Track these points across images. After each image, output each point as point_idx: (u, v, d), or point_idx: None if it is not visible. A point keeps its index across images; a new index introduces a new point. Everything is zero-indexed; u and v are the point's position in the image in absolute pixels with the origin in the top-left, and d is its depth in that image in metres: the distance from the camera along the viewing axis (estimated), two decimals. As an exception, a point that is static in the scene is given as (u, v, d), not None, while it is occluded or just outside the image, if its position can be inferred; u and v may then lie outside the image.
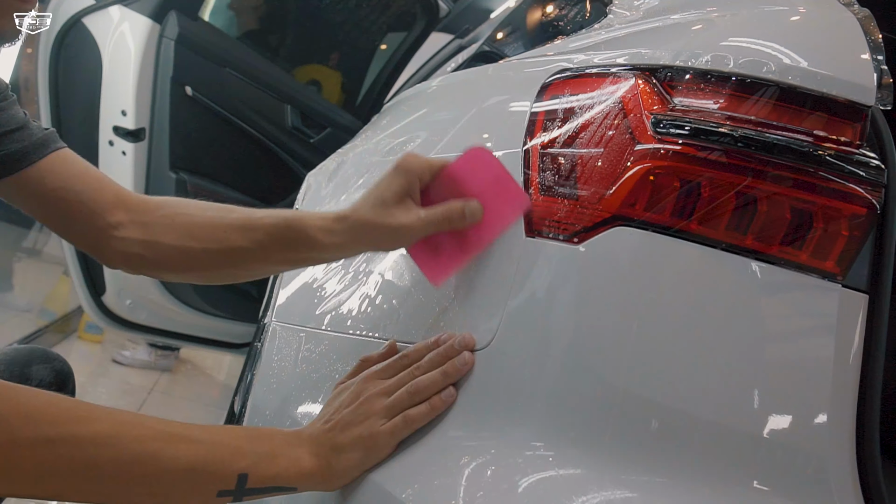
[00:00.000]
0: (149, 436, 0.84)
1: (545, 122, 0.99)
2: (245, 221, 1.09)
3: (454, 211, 0.98)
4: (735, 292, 0.81)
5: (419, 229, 0.99)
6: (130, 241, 1.13)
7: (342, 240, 1.02)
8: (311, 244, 1.03)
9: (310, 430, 0.94)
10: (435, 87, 1.68)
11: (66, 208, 1.13)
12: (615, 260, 0.85)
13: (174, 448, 0.84)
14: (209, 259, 1.11)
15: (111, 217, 1.13)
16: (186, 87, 2.53)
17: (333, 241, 1.02)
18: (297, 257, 1.08)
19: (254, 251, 1.08)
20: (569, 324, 0.86)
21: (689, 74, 0.88)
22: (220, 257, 1.11)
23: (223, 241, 1.09)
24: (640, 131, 0.87)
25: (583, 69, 1.02)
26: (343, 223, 1.02)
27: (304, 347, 1.18)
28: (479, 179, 0.99)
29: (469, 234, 0.99)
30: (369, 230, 1.00)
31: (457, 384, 0.91)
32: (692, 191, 0.83)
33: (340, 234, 1.02)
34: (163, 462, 0.83)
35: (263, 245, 1.07)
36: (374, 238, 1.01)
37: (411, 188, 1.00)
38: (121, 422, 0.83)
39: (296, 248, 1.05)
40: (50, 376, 1.39)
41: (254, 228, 1.08)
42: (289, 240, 1.05)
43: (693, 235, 0.82)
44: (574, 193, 0.89)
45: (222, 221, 1.11)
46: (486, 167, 0.99)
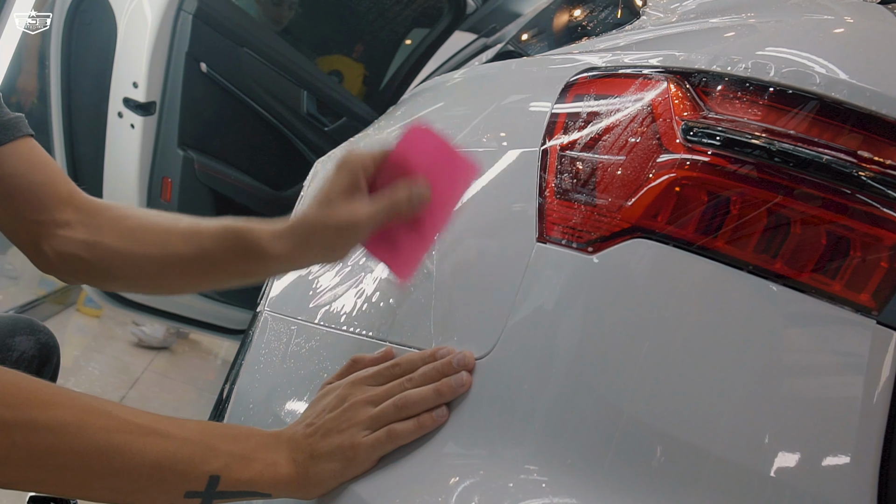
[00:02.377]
0: (115, 426, 0.78)
1: (566, 122, 0.93)
2: (190, 227, 1.03)
3: (399, 193, 0.94)
4: (759, 319, 0.74)
5: (366, 221, 0.94)
6: (72, 240, 1.05)
7: (290, 246, 0.96)
8: (258, 253, 0.97)
9: (289, 433, 0.88)
10: (454, 81, 1.61)
11: (15, 196, 1.06)
12: (630, 274, 0.79)
13: (142, 442, 0.78)
14: (150, 265, 1.04)
15: (59, 214, 1.06)
16: (201, 64, 2.47)
17: (282, 249, 0.96)
18: (245, 268, 1.00)
19: (197, 259, 1.01)
20: (574, 339, 0.80)
21: (725, 81, 0.81)
22: (161, 264, 1.04)
23: (165, 245, 1.03)
24: (669, 138, 0.80)
25: (611, 69, 0.95)
26: (292, 230, 0.97)
27: (294, 341, 1.12)
28: (423, 158, 0.96)
29: (424, 218, 0.95)
30: (317, 231, 0.95)
31: (450, 403, 0.85)
32: (720, 206, 0.76)
33: (288, 239, 0.96)
34: (128, 456, 0.77)
35: (208, 252, 1.01)
36: (323, 240, 0.96)
37: (356, 182, 0.95)
38: (86, 409, 0.77)
39: (244, 256, 0.98)
40: (33, 349, 1.34)
41: (198, 234, 1.02)
42: (236, 248, 0.98)
43: (718, 254, 0.76)
44: (592, 200, 0.83)
45: (168, 227, 1.05)
46: (428, 144, 0.96)
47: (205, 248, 1.01)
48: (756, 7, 1.00)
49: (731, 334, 0.75)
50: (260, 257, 0.97)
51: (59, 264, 1.07)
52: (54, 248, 1.06)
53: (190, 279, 1.06)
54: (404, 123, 1.51)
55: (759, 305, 0.74)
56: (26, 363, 1.32)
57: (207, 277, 1.06)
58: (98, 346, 3.88)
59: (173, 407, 3.35)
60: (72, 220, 1.06)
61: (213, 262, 1.01)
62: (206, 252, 1.01)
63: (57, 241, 1.06)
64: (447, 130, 1.22)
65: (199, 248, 1.01)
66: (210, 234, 1.01)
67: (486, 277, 0.90)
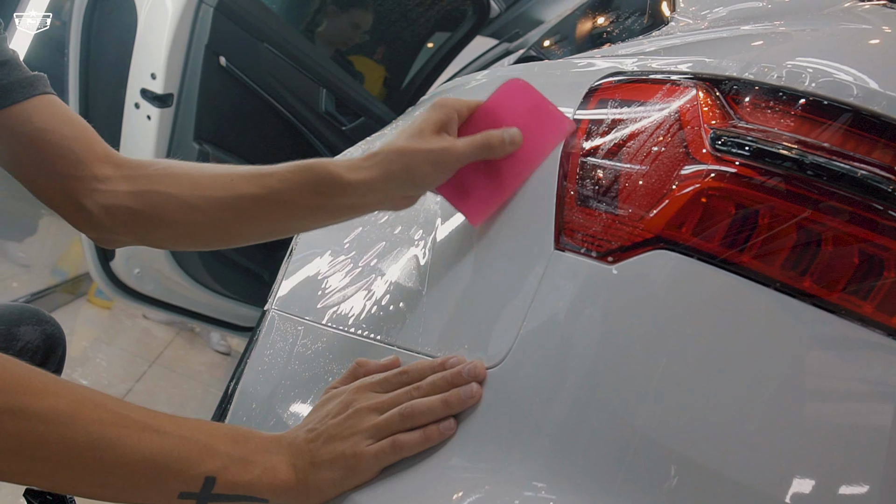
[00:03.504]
0: (109, 419, 0.75)
1: (589, 128, 0.90)
2: (253, 170, 1.00)
3: (493, 137, 0.94)
4: (784, 340, 0.71)
5: (458, 154, 0.94)
6: (118, 192, 1.01)
7: (371, 174, 0.95)
8: (335, 182, 0.95)
9: (290, 438, 0.85)
10: (475, 83, 1.58)
11: (47, 151, 1.01)
12: (651, 286, 0.76)
13: (136, 437, 0.75)
14: (212, 208, 1.00)
15: (99, 169, 1.02)
16: (220, 58, 2.45)
17: (362, 177, 0.95)
18: (320, 203, 0.98)
19: (266, 199, 0.98)
20: (590, 352, 0.77)
21: (757, 90, 0.78)
22: (225, 206, 0.99)
23: (228, 187, 0.99)
24: (697, 147, 0.77)
25: (637, 74, 0.92)
26: (373, 158, 0.96)
27: (300, 342, 1.09)
28: (518, 111, 0.96)
29: (506, 168, 0.95)
30: (405, 157, 0.94)
31: (458, 415, 0.81)
32: (748, 219, 0.73)
33: (370, 168, 0.95)
34: (121, 451, 0.74)
35: (276, 191, 0.97)
36: (408, 170, 0.94)
37: (449, 122, 0.96)
38: (80, 400, 0.74)
39: (317, 190, 0.96)
40: (38, 339, 1.32)
41: (264, 176, 0.99)
42: (308, 182, 0.96)
43: (743, 269, 0.72)
44: (613, 208, 0.80)
45: (227, 171, 1.01)
46: (524, 98, 0.97)
47: (273, 188, 0.98)
48: (790, 15, 0.96)
49: (754, 354, 0.71)
50: (336, 188, 0.96)
51: (105, 219, 1.02)
52: (99, 202, 1.01)
53: (257, 222, 1.02)
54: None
55: (786, 325, 0.71)
56: (30, 353, 1.29)
57: (275, 218, 1.01)
58: (107, 338, 3.86)
59: (178, 402, 3.33)
60: (112, 175, 1.02)
61: (284, 201, 0.98)
62: (274, 191, 0.98)
63: (101, 196, 1.01)
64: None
65: (268, 188, 0.98)
66: (278, 174, 0.98)
67: (500, 284, 0.86)
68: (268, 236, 1.07)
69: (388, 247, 1.07)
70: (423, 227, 1.03)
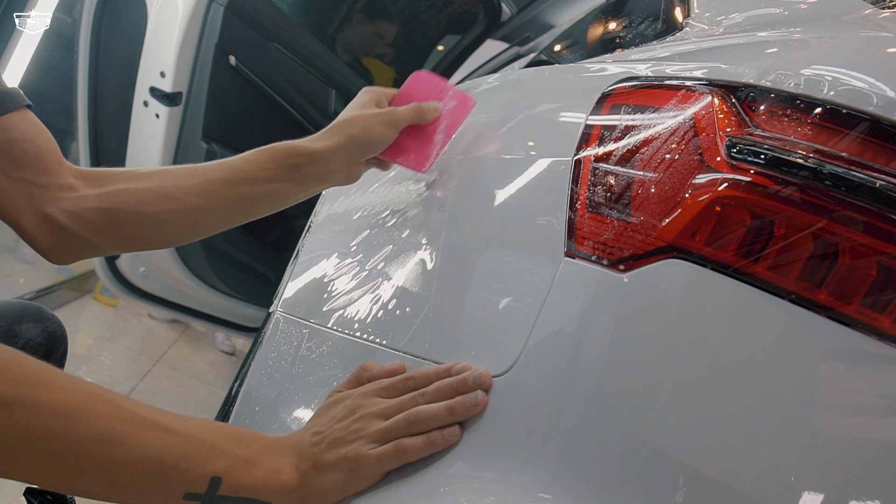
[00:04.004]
0: (118, 415, 0.73)
1: (602, 133, 0.88)
2: (219, 161, 1.11)
3: (422, 105, 1.18)
4: (799, 352, 0.69)
5: (401, 116, 1.16)
6: (83, 197, 1.06)
7: (334, 140, 1.13)
8: (300, 154, 1.11)
9: (295, 440, 0.84)
10: (485, 86, 1.57)
11: (22, 159, 1.04)
12: (663, 295, 0.74)
13: (144, 434, 0.74)
14: (185, 196, 1.08)
15: (63, 178, 1.06)
16: (230, 57, 2.43)
17: (325, 145, 1.12)
18: (286, 175, 1.11)
19: (237, 180, 1.09)
20: (599, 361, 0.75)
21: (774, 97, 0.77)
22: (197, 193, 1.08)
23: (197, 174, 1.09)
24: (711, 154, 0.76)
25: (651, 79, 0.91)
26: (332, 129, 1.15)
27: (305, 345, 1.08)
28: (429, 92, 1.21)
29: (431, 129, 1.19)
30: (361, 120, 1.14)
31: (462, 422, 0.80)
32: (764, 228, 0.71)
33: (331, 136, 1.13)
34: (129, 447, 0.73)
35: (243, 170, 1.10)
36: (367, 128, 1.14)
37: (380, 101, 1.20)
38: (89, 395, 0.73)
39: (284, 162, 1.10)
40: (40, 337, 1.31)
41: (229, 160, 1.11)
42: (273, 157, 1.11)
43: (757, 280, 0.71)
44: (626, 215, 0.79)
45: (190, 165, 1.11)
46: (432, 83, 1.22)
47: (239, 168, 1.10)
48: (807, 23, 0.95)
49: (767, 366, 0.69)
50: (303, 157, 1.11)
51: (70, 223, 1.05)
52: (63, 208, 1.05)
53: (226, 203, 1.10)
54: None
55: (800, 337, 0.69)
56: (32, 351, 1.28)
57: (244, 196, 1.11)
58: (111, 336, 3.85)
59: (181, 401, 3.32)
60: (76, 184, 1.07)
61: (252, 178, 1.10)
62: (241, 170, 1.10)
63: (66, 202, 1.05)
64: (475, 135, 1.18)
65: (233, 169, 1.10)
66: (242, 157, 1.11)
67: (509, 291, 0.85)
68: (237, 219, 1.16)
69: (396, 250, 1.06)
70: (431, 232, 1.02)
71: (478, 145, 1.12)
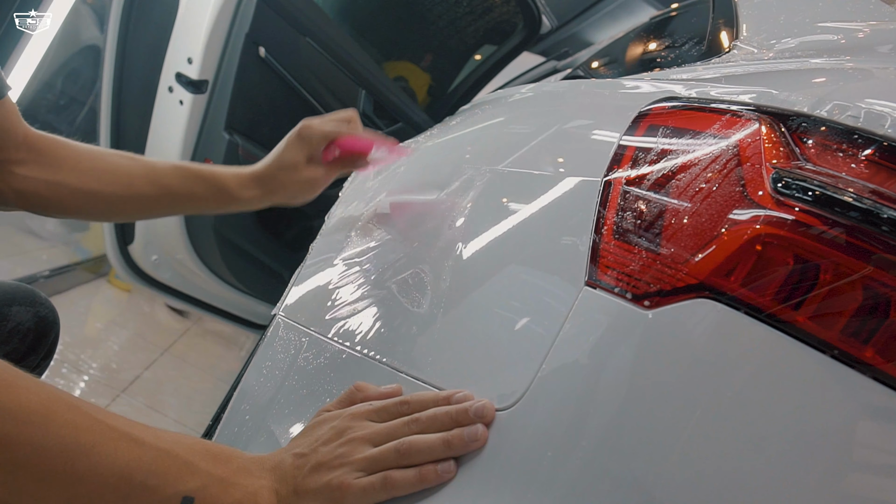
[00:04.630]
0: (84, 424, 0.67)
1: (635, 154, 0.82)
2: (152, 170, 1.21)
3: (347, 164, 1.30)
4: (839, 414, 0.62)
5: (326, 180, 1.29)
6: (31, 179, 1.15)
7: (258, 193, 1.26)
8: (228, 196, 1.24)
9: (275, 461, 0.77)
10: (518, 97, 1.51)
11: None
12: (690, 338, 0.67)
13: (112, 446, 0.68)
14: (114, 202, 1.20)
15: (15, 153, 1.14)
16: (260, 48, 2.38)
17: (250, 195, 1.25)
18: (210, 206, 1.25)
19: (163, 197, 1.21)
20: (614, 403, 0.68)
21: (828, 129, 0.70)
22: (125, 202, 1.20)
23: (129, 187, 1.19)
24: (755, 187, 0.69)
25: (693, 101, 0.84)
26: (259, 180, 1.26)
27: (302, 355, 1.01)
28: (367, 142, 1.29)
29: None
30: (284, 187, 1.25)
31: (458, 458, 0.73)
32: (808, 273, 0.64)
33: (255, 189, 1.26)
34: (94, 460, 0.67)
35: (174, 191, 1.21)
36: (288, 192, 1.27)
37: (315, 153, 1.26)
38: (53, 399, 0.67)
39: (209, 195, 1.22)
40: (30, 321, 1.25)
41: (162, 176, 1.21)
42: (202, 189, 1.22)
43: (797, 329, 0.64)
44: (656, 246, 0.72)
45: (129, 169, 1.20)
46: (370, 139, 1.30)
47: (171, 188, 1.21)
48: (867, 52, 0.88)
49: (801, 427, 0.62)
50: (229, 199, 1.24)
51: (14, 199, 1.16)
52: (12, 185, 1.14)
53: (152, 213, 1.25)
54: (462, 133, 1.40)
55: (841, 398, 0.62)
56: (21, 335, 1.23)
57: (170, 211, 1.27)
58: (122, 321, 3.80)
59: (186, 394, 3.26)
60: (26, 158, 1.15)
61: (178, 199, 1.22)
62: (172, 191, 1.21)
63: (14, 179, 1.14)
64: (503, 146, 1.12)
65: (165, 189, 1.21)
66: (175, 175, 1.22)
67: (522, 317, 0.78)
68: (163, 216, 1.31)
69: (406, 262, 1.00)
70: (444, 246, 0.96)
71: (501, 157, 1.05)
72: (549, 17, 3.13)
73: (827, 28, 1.07)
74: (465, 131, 1.41)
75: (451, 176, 1.11)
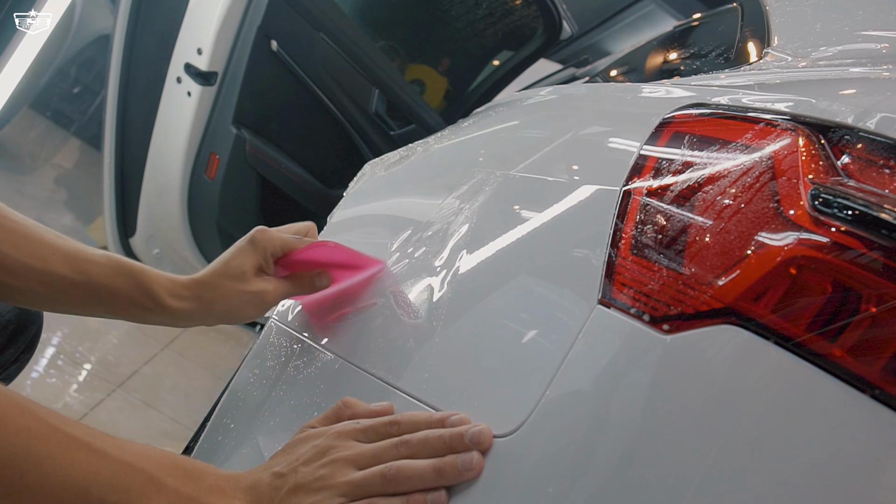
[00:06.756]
0: (39, 431, 0.62)
1: (658, 164, 0.76)
2: (75, 251, 0.97)
3: (304, 278, 1.02)
4: (876, 461, 0.56)
5: (274, 296, 1.00)
6: None
7: (191, 305, 0.99)
8: (155, 301, 0.97)
9: (252, 480, 0.71)
10: (534, 100, 1.45)
11: None
12: (712, 367, 0.61)
13: (69, 457, 0.62)
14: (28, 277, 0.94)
15: None
16: (272, 41, 2.33)
17: (181, 306, 0.98)
18: (132, 312, 0.98)
19: (81, 286, 0.95)
20: (624, 434, 0.62)
21: (873, 143, 0.63)
22: (39, 281, 0.94)
23: (46, 261, 0.94)
24: (791, 203, 0.62)
25: (723, 108, 0.78)
26: (195, 289, 0.99)
27: (293, 363, 0.95)
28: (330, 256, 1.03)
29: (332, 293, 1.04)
30: (225, 298, 0.99)
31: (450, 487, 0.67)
32: (848, 302, 0.58)
33: (190, 299, 0.99)
34: (48, 471, 0.61)
35: (94, 281, 0.95)
36: (229, 306, 1.00)
37: (267, 263, 1.01)
38: (6, 403, 0.61)
39: (133, 300, 0.96)
40: (10, 313, 1.19)
41: (85, 261, 0.96)
42: (127, 288, 0.96)
43: (832, 364, 0.57)
44: (678, 265, 0.65)
45: (51, 243, 0.96)
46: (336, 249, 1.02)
47: (91, 277, 0.96)
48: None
49: (833, 471, 0.56)
50: (153, 306, 0.97)
51: None
52: None
53: (69, 303, 0.98)
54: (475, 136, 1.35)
55: (882, 443, 0.56)
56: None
57: (89, 307, 0.99)
58: (123, 314, 3.76)
59: (184, 391, 3.21)
60: None
61: (99, 293, 0.96)
62: (92, 280, 0.96)
63: None
64: (517, 151, 1.06)
65: (85, 275, 0.95)
66: (101, 263, 0.96)
67: (527, 336, 0.72)
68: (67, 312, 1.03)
69: (406, 271, 0.94)
70: (448, 256, 0.89)
71: (514, 161, 0.99)
72: (570, 24, 3.07)
73: (868, 36, 1.00)
74: (478, 133, 1.35)
75: (461, 178, 1.05)
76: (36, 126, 4.78)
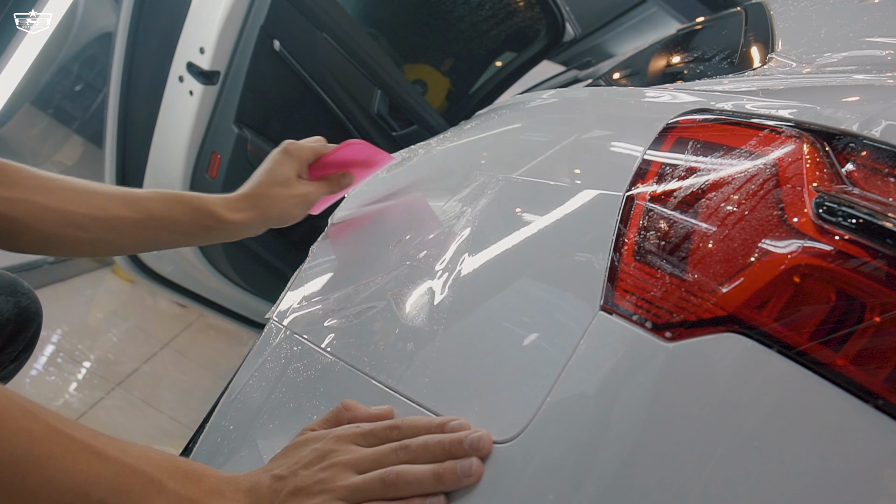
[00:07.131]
0: (40, 433, 0.61)
1: (661, 169, 0.75)
2: (129, 193, 1.08)
3: (332, 181, 1.25)
4: (879, 473, 0.55)
5: (315, 196, 1.22)
6: None
7: (250, 216, 1.15)
8: (214, 218, 1.12)
9: (251, 482, 0.71)
10: (536, 102, 1.44)
11: None
12: (714, 375, 0.60)
13: (70, 459, 0.62)
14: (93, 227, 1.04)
15: None
16: (275, 41, 2.32)
17: (240, 218, 1.14)
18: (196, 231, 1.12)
19: (144, 221, 1.07)
20: (625, 441, 0.62)
21: (879, 150, 0.63)
22: (106, 228, 1.05)
23: (107, 208, 1.05)
24: (795, 211, 0.62)
25: (728, 114, 0.77)
26: (249, 200, 1.16)
27: (292, 365, 0.95)
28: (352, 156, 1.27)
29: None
30: (277, 203, 1.17)
31: (449, 493, 0.66)
32: (852, 311, 0.57)
33: (247, 210, 1.15)
34: (49, 473, 0.61)
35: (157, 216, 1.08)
36: (283, 210, 1.18)
37: (302, 169, 1.22)
38: (7, 403, 0.61)
39: (196, 221, 1.10)
40: (11, 311, 1.18)
41: (142, 199, 1.08)
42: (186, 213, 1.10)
43: (835, 374, 0.57)
44: (681, 271, 0.65)
45: (104, 191, 1.06)
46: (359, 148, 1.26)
47: (153, 212, 1.07)
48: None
49: (834, 482, 0.55)
50: (217, 224, 1.12)
51: None
52: None
53: (133, 241, 1.09)
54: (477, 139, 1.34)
55: (885, 455, 0.55)
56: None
57: (154, 241, 1.11)
58: (124, 312, 3.75)
59: (184, 390, 3.20)
60: None
61: (164, 224, 1.09)
62: (154, 215, 1.08)
63: None
64: (519, 154, 1.05)
65: (145, 212, 1.07)
66: (155, 199, 1.08)
67: (529, 341, 0.71)
68: (136, 251, 1.21)
69: (408, 273, 0.93)
70: (450, 260, 0.89)
71: (516, 165, 0.99)
72: (573, 25, 3.06)
73: (873, 43, 1.00)
74: (480, 136, 1.35)
75: (463, 181, 1.04)
76: (38, 123, 4.76)
